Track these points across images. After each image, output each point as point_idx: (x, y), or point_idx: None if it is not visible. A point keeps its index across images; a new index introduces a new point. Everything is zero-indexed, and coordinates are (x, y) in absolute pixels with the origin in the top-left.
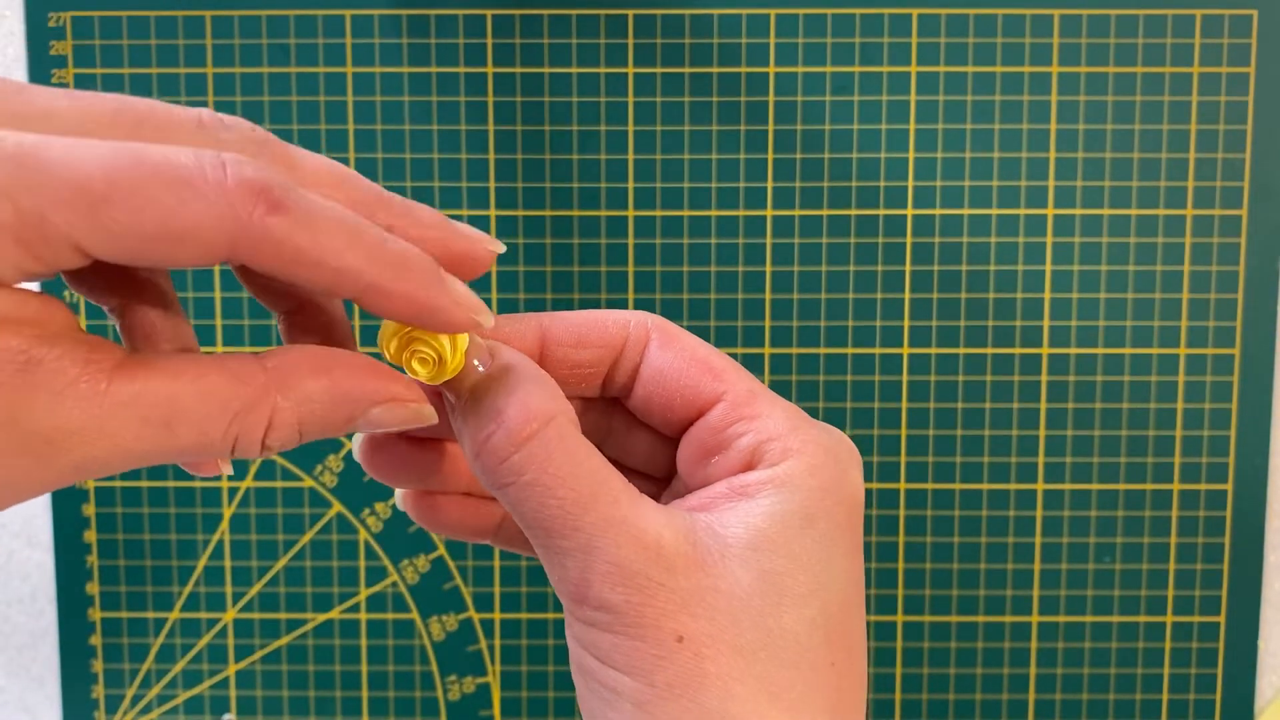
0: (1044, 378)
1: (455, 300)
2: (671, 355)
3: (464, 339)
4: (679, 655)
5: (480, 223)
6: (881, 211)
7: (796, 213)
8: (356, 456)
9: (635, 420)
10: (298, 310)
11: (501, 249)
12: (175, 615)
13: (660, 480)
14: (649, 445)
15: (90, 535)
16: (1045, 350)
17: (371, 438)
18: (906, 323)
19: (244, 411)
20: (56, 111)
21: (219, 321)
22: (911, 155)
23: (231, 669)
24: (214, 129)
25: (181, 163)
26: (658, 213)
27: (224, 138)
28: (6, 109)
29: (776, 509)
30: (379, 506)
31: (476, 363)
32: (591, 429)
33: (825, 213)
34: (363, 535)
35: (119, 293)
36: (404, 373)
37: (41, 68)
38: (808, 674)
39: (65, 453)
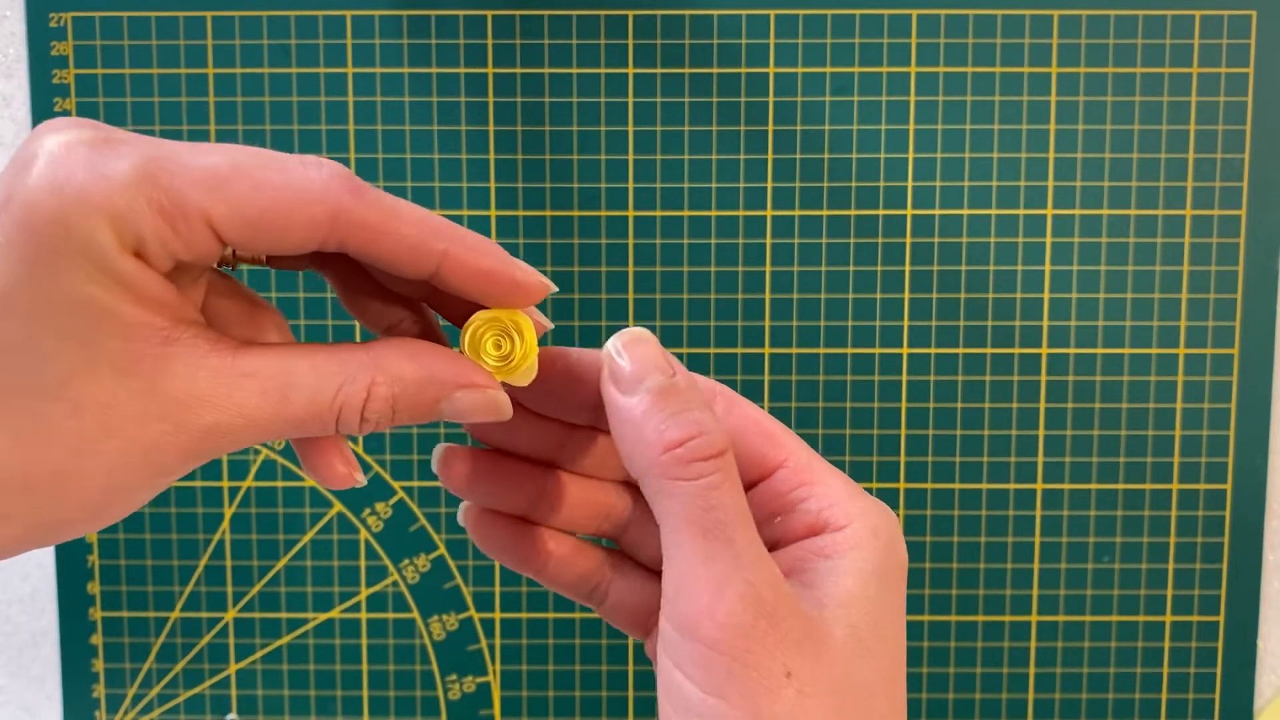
0: (1043, 378)
1: (524, 269)
2: (736, 421)
3: (532, 341)
4: (786, 690)
5: (480, 223)
6: (881, 212)
7: (796, 213)
8: (435, 468)
9: None
10: (396, 327)
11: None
12: (176, 614)
13: None
14: None
15: (91, 535)
16: (1044, 350)
17: (450, 449)
18: (906, 323)
19: (347, 383)
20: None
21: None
22: (911, 155)
23: (232, 668)
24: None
25: (287, 159)
26: (658, 213)
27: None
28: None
29: (854, 568)
30: (379, 506)
31: (636, 339)
32: None
33: (825, 213)
34: (363, 535)
35: (241, 340)
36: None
37: (42, 68)
38: (878, 718)
39: (198, 417)
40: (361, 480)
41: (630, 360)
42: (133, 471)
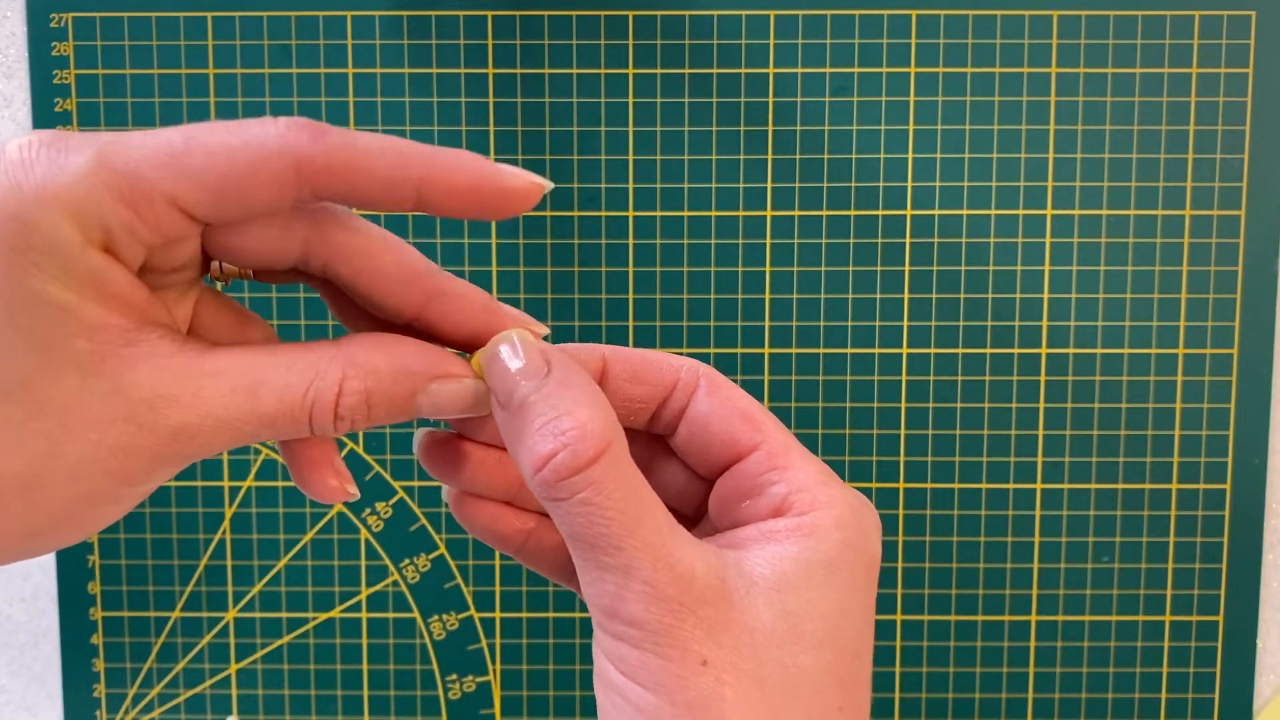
0: (1042, 378)
1: (510, 174)
2: (716, 403)
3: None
4: (701, 678)
5: (480, 224)
6: (881, 212)
7: (796, 213)
8: (416, 452)
9: (675, 458)
10: (384, 330)
11: (548, 185)
12: (177, 614)
13: (691, 519)
14: (684, 483)
15: (91, 534)
16: (1044, 350)
17: (431, 434)
18: (905, 323)
19: (317, 379)
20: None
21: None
22: (911, 156)
23: (233, 668)
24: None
25: (242, 122)
26: (658, 213)
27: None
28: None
29: (802, 555)
30: (380, 506)
31: (510, 352)
32: (635, 459)
33: (825, 213)
34: (363, 535)
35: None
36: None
37: (43, 68)
38: (819, 714)
39: (164, 417)
40: (355, 493)
41: (502, 368)
42: (100, 478)
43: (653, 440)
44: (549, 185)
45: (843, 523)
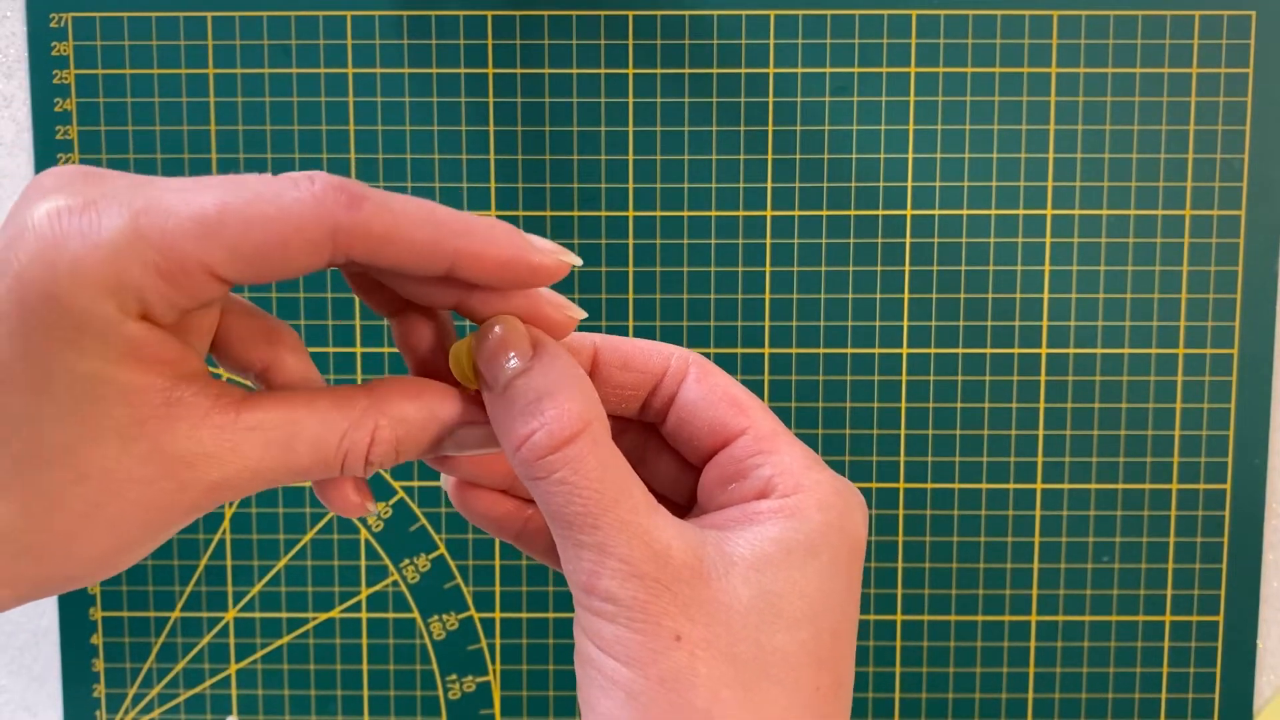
0: (1043, 378)
1: (537, 249)
2: (705, 390)
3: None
4: (675, 653)
5: None
6: (881, 212)
7: (796, 213)
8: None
9: (666, 445)
10: (403, 312)
11: (577, 261)
12: (176, 614)
13: (682, 506)
14: (675, 471)
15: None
16: (1044, 350)
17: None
18: (906, 323)
19: (350, 430)
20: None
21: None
22: (911, 156)
23: (233, 668)
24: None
25: (276, 183)
26: (658, 213)
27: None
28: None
29: (783, 535)
30: (380, 506)
31: (513, 356)
32: (627, 448)
33: (825, 213)
34: (363, 535)
35: (259, 365)
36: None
37: (43, 69)
38: (792, 692)
39: (203, 474)
40: (374, 510)
41: (489, 355)
42: (137, 530)
43: (646, 430)
44: (578, 262)
45: (826, 505)
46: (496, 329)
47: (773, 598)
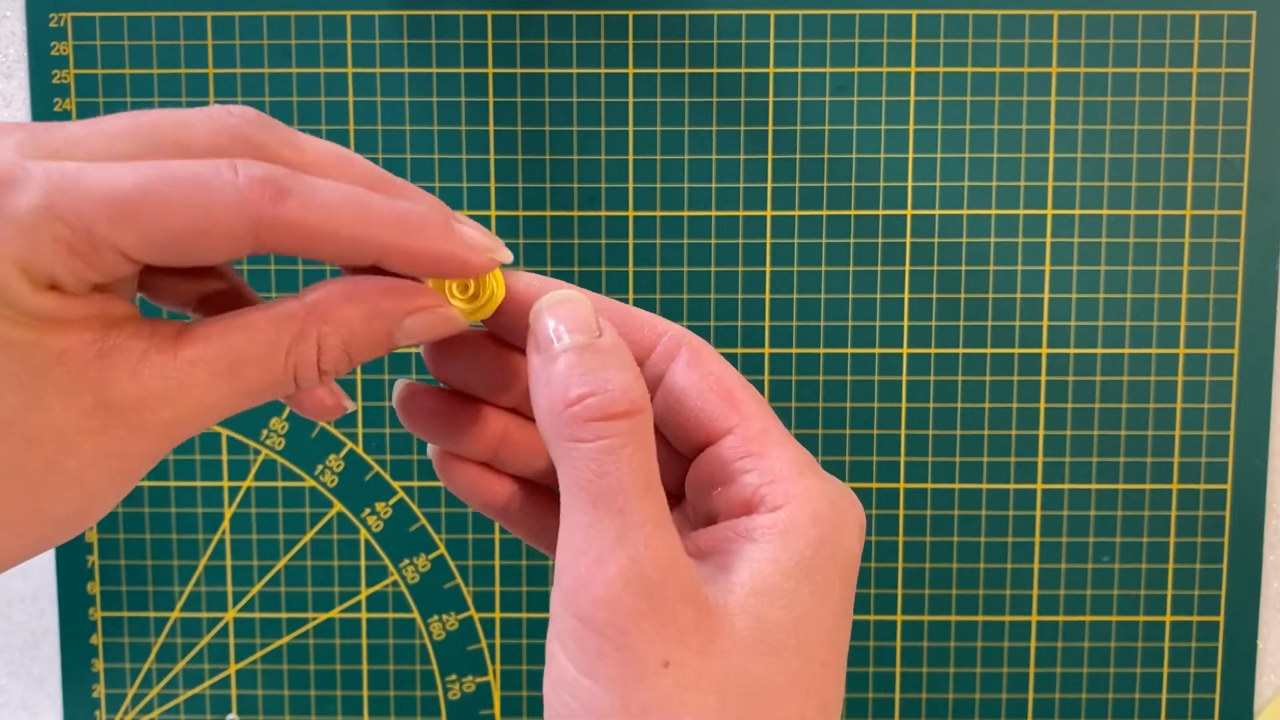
0: (1043, 378)
1: (470, 247)
2: (696, 376)
3: (498, 277)
4: (662, 680)
5: (481, 223)
6: (881, 212)
7: (796, 213)
8: (394, 404)
9: (657, 431)
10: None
11: (508, 258)
12: (176, 614)
13: (674, 496)
14: (665, 460)
15: (91, 535)
16: (1044, 350)
17: (409, 387)
18: (906, 323)
19: (294, 344)
20: (81, 139)
21: None
22: (911, 156)
23: (232, 668)
24: (220, 117)
25: (199, 171)
26: (658, 213)
27: (229, 122)
28: (43, 147)
29: (779, 556)
30: (379, 506)
31: (569, 306)
32: None
33: (825, 213)
34: (363, 535)
35: (191, 297)
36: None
37: (43, 68)
38: None
39: (154, 415)
40: (351, 405)
41: (554, 320)
42: (102, 480)
43: None
44: (509, 257)
45: (819, 518)
46: (567, 299)
47: (767, 627)
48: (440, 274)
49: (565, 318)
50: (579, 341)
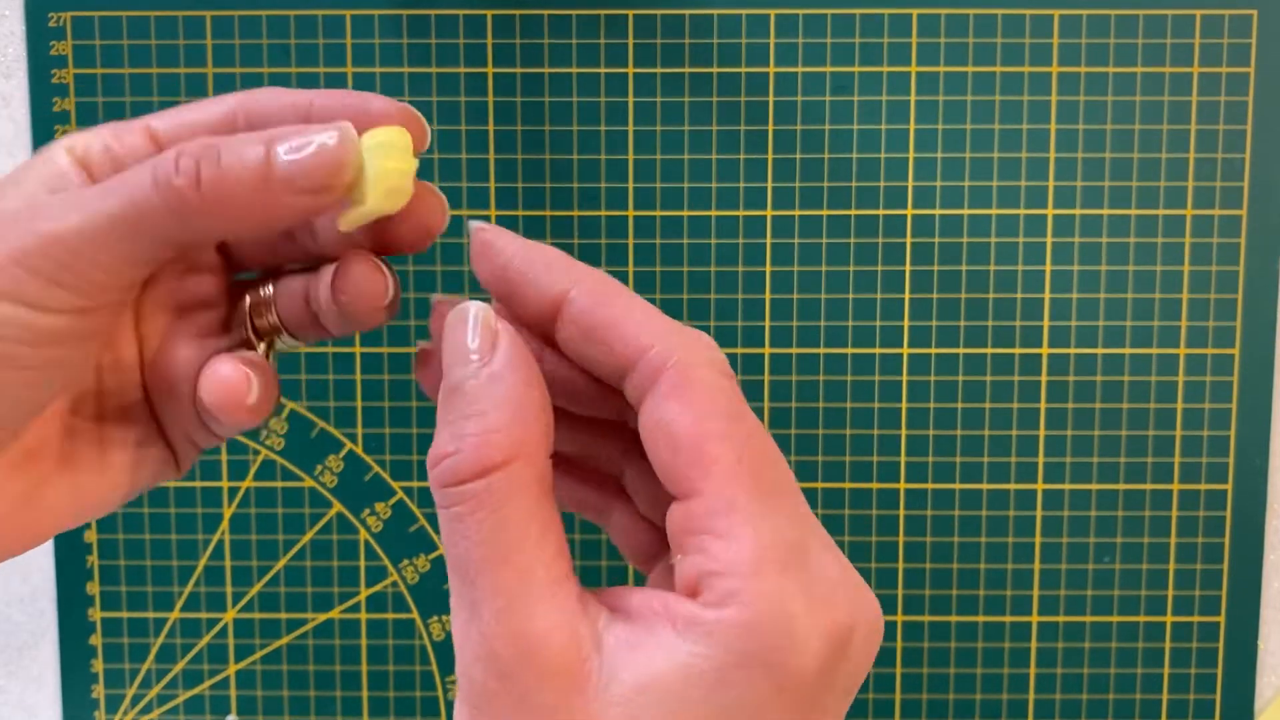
0: (1044, 378)
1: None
2: (673, 413)
3: (381, 181)
4: None
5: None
6: (881, 211)
7: (796, 213)
8: (413, 369)
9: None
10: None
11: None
12: (175, 615)
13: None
14: (659, 488)
15: (90, 535)
16: (1045, 350)
17: (426, 349)
18: (906, 323)
19: (155, 165)
20: None
21: None
22: (911, 155)
23: (232, 669)
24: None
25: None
26: (658, 213)
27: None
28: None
29: (688, 660)
30: (379, 506)
31: (464, 324)
32: (617, 443)
33: (825, 213)
34: (363, 535)
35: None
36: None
37: (42, 68)
38: None
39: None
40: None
41: (446, 348)
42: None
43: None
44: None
45: (757, 630)
46: (467, 316)
47: None
48: (270, 219)
49: (448, 346)
50: (451, 380)
